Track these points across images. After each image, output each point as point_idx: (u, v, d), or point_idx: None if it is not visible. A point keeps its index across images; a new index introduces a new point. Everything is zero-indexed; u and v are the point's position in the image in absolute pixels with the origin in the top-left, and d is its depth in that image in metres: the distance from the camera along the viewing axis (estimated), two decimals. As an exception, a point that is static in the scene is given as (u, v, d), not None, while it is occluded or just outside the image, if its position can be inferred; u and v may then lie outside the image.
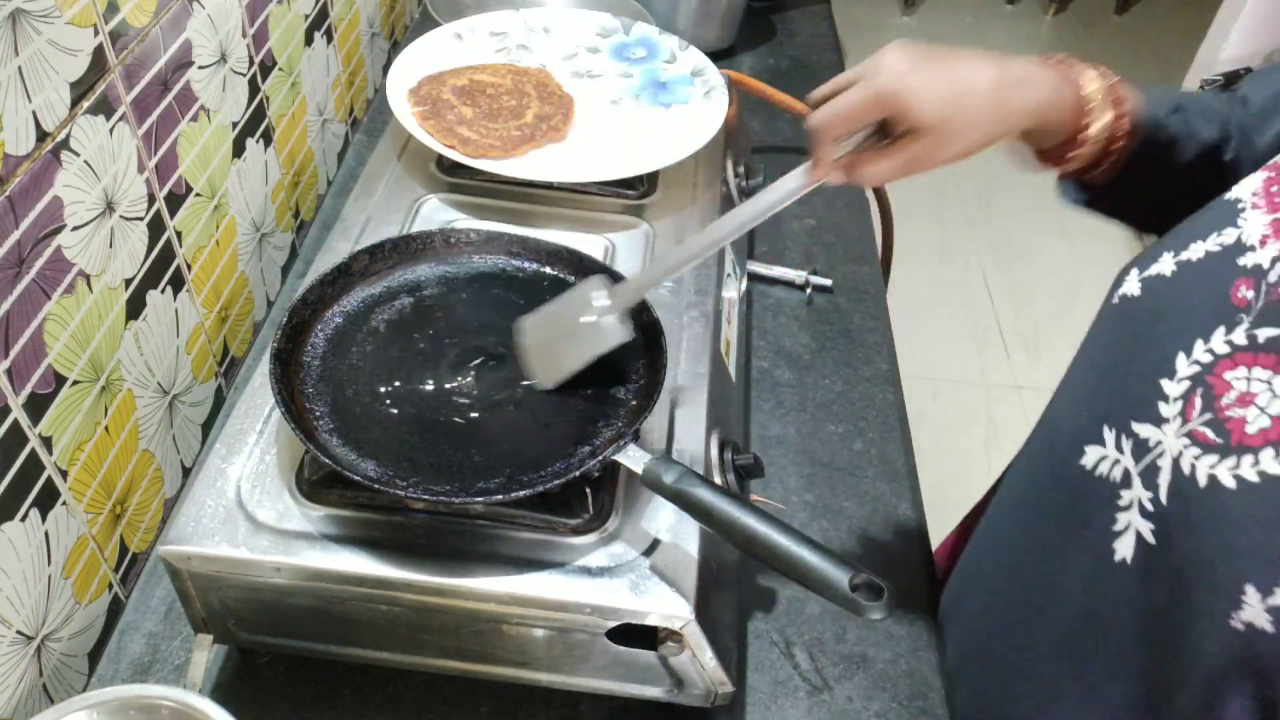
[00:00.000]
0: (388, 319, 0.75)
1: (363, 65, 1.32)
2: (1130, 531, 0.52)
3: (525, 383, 0.71)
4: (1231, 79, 2.36)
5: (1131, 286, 0.57)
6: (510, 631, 0.65)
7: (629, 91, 1.06)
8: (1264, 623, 0.44)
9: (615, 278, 0.72)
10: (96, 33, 0.68)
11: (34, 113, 0.62)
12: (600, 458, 0.63)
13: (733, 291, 0.93)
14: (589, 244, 0.86)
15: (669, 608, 0.62)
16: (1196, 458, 0.49)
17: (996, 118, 0.59)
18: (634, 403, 0.70)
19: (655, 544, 0.65)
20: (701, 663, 0.64)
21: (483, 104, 0.98)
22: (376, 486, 0.61)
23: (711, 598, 0.66)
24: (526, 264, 0.80)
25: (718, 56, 1.26)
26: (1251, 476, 0.46)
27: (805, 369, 1.02)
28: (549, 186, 0.93)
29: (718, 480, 0.72)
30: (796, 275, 1.10)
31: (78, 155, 0.67)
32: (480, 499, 0.63)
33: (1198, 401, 0.50)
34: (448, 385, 0.70)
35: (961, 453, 2.15)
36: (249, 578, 0.64)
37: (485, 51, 1.09)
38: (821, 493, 0.90)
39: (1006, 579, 0.67)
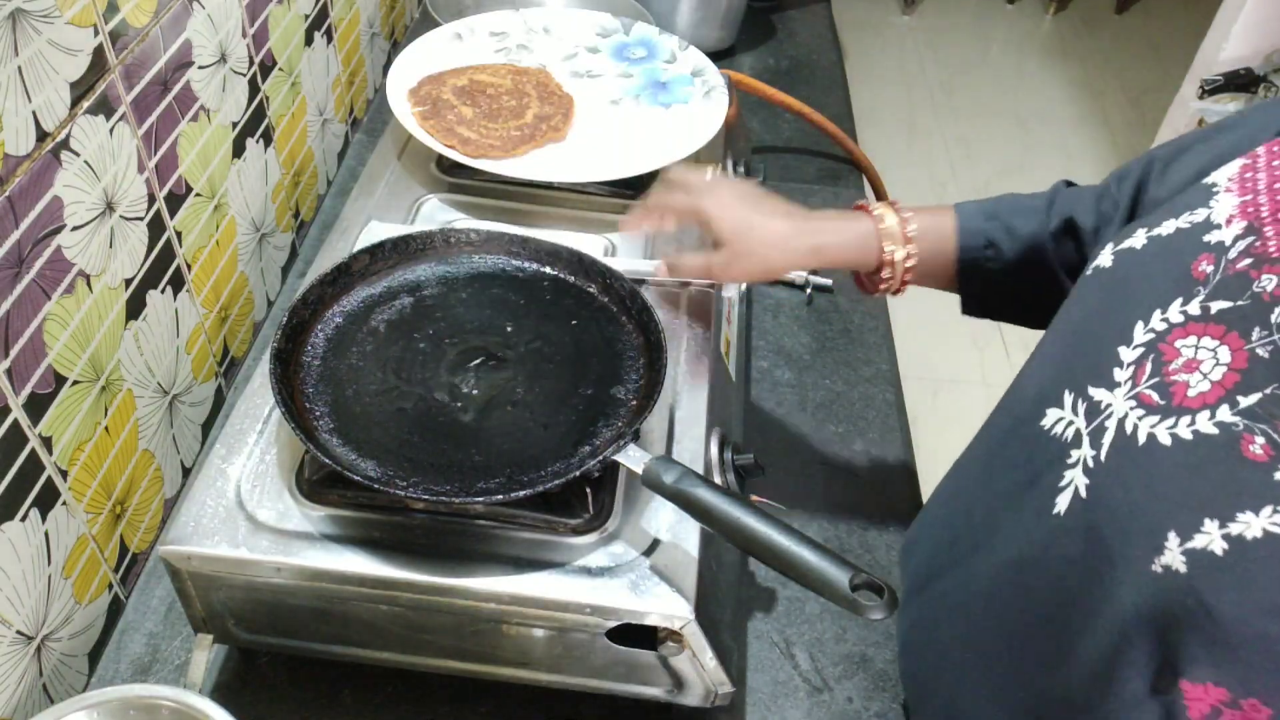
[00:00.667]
0: (388, 319, 0.75)
1: (363, 65, 1.32)
2: (1071, 487, 0.55)
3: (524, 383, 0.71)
4: (1231, 79, 2.35)
5: (1105, 259, 0.59)
6: (510, 631, 0.65)
7: (629, 91, 1.06)
8: (1179, 564, 0.46)
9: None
10: (96, 33, 0.68)
11: (34, 113, 0.62)
12: (600, 458, 0.63)
13: (733, 291, 0.93)
14: (589, 244, 0.86)
15: (669, 608, 0.62)
16: (1140, 418, 0.51)
17: (779, 254, 0.75)
18: (634, 403, 0.70)
19: (655, 544, 0.65)
20: (701, 663, 0.64)
21: (483, 104, 0.98)
22: (376, 486, 0.61)
23: (711, 598, 0.66)
24: (526, 264, 0.80)
25: (718, 56, 1.26)
26: (1186, 435, 0.49)
27: (805, 369, 1.02)
28: (549, 186, 0.93)
29: (718, 480, 0.72)
30: (796, 275, 1.10)
31: (78, 155, 0.67)
32: (480, 499, 0.63)
33: (1148, 367, 0.52)
34: (448, 385, 0.70)
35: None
36: (249, 578, 0.64)
37: (485, 51, 1.09)
38: (821, 493, 0.90)
39: (958, 523, 0.69)
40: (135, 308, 0.77)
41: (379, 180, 0.94)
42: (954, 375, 2.42)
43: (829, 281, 1.10)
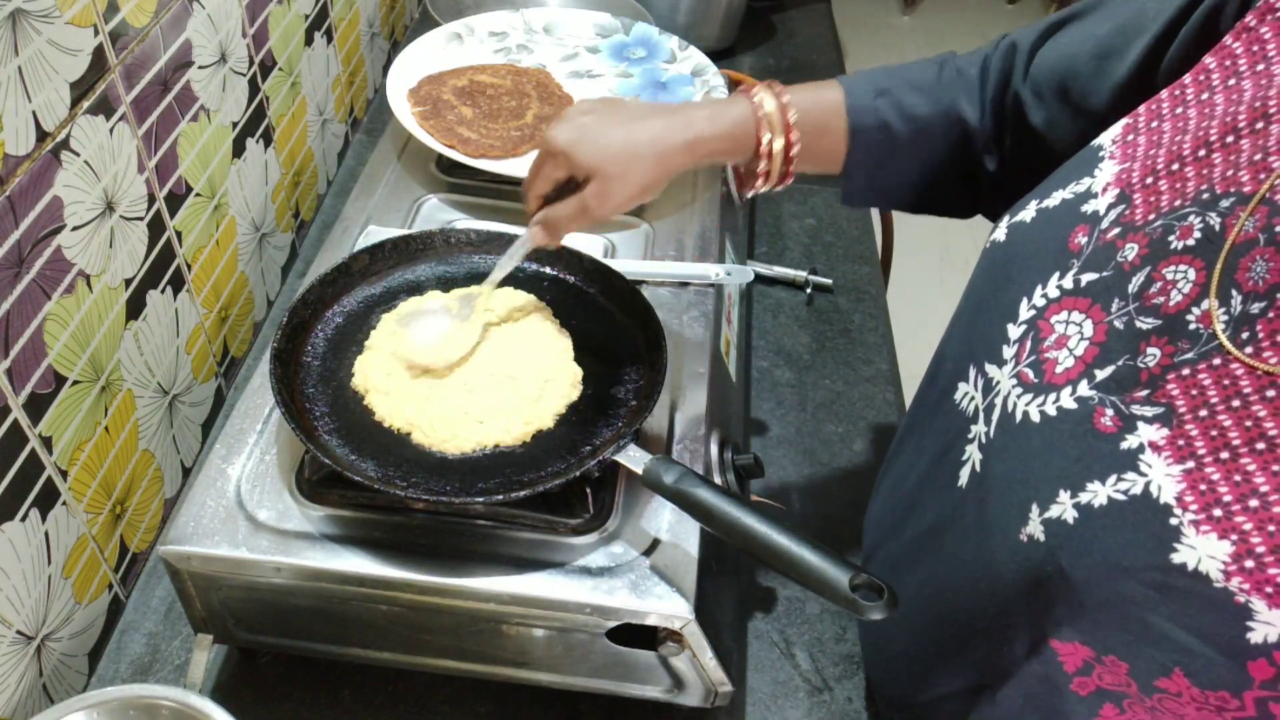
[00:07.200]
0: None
1: (363, 65, 1.32)
2: (970, 461, 0.57)
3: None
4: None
5: (999, 232, 0.60)
6: (510, 631, 0.65)
7: (629, 91, 1.05)
8: (1039, 533, 0.49)
9: None
10: (96, 33, 0.68)
11: (34, 113, 0.62)
12: (600, 458, 0.63)
13: (733, 290, 0.93)
14: (589, 244, 0.86)
15: (669, 608, 0.62)
16: (1018, 396, 0.53)
17: (653, 160, 0.65)
18: (634, 403, 0.70)
19: (655, 544, 0.65)
20: (701, 663, 0.64)
21: (483, 104, 0.98)
22: (376, 486, 0.61)
23: (711, 598, 0.66)
24: (526, 264, 0.80)
25: (718, 56, 1.26)
26: (1051, 411, 0.50)
27: (805, 369, 1.02)
28: (549, 186, 0.93)
29: (718, 480, 0.72)
30: (796, 275, 1.10)
31: (78, 155, 0.67)
32: (480, 499, 0.63)
33: (1028, 344, 0.54)
34: (448, 385, 0.70)
35: (961, 453, 2.15)
36: (249, 578, 0.64)
37: (485, 51, 1.09)
38: (821, 493, 0.90)
39: (896, 492, 0.71)
40: (135, 308, 0.77)
41: (379, 180, 0.94)
42: (954, 375, 2.42)
43: (829, 281, 1.10)
